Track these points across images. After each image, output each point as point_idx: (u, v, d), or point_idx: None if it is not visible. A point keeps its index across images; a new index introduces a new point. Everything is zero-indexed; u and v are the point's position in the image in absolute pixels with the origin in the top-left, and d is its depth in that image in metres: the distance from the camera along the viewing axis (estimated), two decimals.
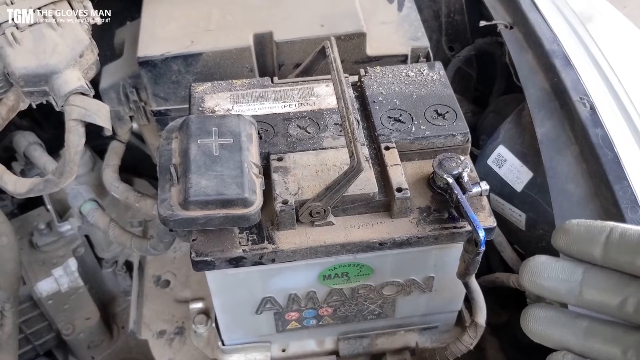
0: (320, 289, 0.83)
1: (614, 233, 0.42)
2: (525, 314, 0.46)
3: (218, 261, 0.73)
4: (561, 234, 0.44)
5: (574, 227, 0.44)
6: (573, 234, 0.43)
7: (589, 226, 0.43)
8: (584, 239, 0.43)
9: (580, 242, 0.43)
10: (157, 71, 0.97)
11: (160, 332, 1.05)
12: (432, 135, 0.80)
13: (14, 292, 1.04)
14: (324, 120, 0.83)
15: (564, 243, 0.44)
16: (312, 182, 0.75)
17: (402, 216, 0.75)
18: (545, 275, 0.44)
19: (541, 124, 0.90)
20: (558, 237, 0.44)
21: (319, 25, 0.98)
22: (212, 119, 0.76)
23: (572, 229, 0.44)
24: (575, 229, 0.43)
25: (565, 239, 0.44)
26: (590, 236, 0.43)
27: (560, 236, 0.44)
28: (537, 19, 1.01)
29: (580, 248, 0.43)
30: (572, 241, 0.44)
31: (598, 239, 0.42)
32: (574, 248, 0.44)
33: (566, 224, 0.44)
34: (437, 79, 0.87)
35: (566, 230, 0.44)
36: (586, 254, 0.43)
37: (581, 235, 0.43)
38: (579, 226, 0.43)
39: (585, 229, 0.43)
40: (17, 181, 0.83)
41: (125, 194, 1.06)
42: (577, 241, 0.43)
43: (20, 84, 0.74)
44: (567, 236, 0.44)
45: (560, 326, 0.45)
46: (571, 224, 0.44)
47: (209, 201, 0.69)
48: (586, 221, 0.43)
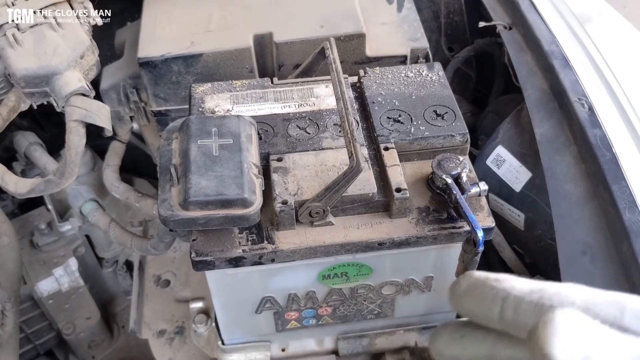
0: (319, 289, 0.83)
1: (506, 309, 0.37)
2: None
3: (218, 261, 0.73)
4: (455, 305, 0.41)
5: (465, 298, 0.40)
6: (466, 307, 0.40)
7: (480, 297, 0.39)
8: (478, 314, 0.39)
9: (476, 317, 0.40)
10: (157, 72, 0.97)
11: (161, 331, 1.05)
12: (431, 135, 0.80)
13: (14, 291, 1.05)
14: (323, 121, 0.83)
15: (461, 313, 0.41)
16: (312, 182, 0.75)
17: (401, 216, 0.76)
18: (454, 354, 0.42)
19: (540, 125, 0.90)
20: (453, 306, 0.41)
21: (319, 26, 0.98)
22: (212, 119, 0.77)
23: (463, 300, 0.40)
24: (467, 302, 0.40)
25: (460, 310, 0.41)
26: (483, 311, 0.39)
27: (455, 306, 0.41)
28: (536, 20, 1.02)
29: (479, 321, 0.40)
30: (468, 313, 0.40)
31: (491, 316, 0.38)
32: (473, 319, 0.40)
33: (456, 291, 0.40)
34: (436, 80, 0.88)
35: (458, 301, 0.41)
36: (487, 325, 0.39)
37: (473, 309, 0.40)
38: (470, 298, 0.39)
39: (477, 302, 0.39)
40: (18, 181, 0.84)
41: (125, 194, 1.07)
42: (472, 315, 0.40)
43: (21, 84, 0.74)
44: (462, 308, 0.41)
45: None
46: (461, 293, 0.40)
47: (209, 201, 0.69)
48: (476, 288, 0.39)
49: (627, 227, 0.76)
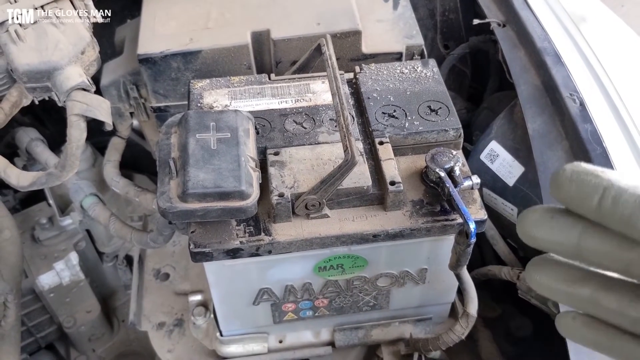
0: (315, 281, 0.85)
1: (605, 198, 0.36)
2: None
3: (216, 252, 0.75)
4: (555, 189, 0.39)
5: (566, 182, 0.37)
6: (565, 191, 0.38)
7: (581, 184, 0.37)
8: (576, 199, 0.37)
9: (573, 201, 0.38)
10: (156, 68, 0.99)
11: (160, 323, 1.07)
12: (425, 130, 0.82)
13: (16, 284, 1.06)
14: (319, 116, 0.85)
15: (559, 197, 0.39)
16: (308, 175, 0.77)
17: (395, 209, 0.77)
18: (540, 235, 0.40)
19: (532, 120, 0.92)
20: (553, 190, 0.39)
21: (316, 24, 1.00)
22: (210, 114, 0.78)
23: (564, 184, 0.38)
24: (567, 186, 0.37)
25: (559, 194, 0.38)
26: (582, 197, 0.37)
27: (554, 190, 0.39)
28: (529, 17, 1.03)
29: (574, 207, 0.38)
30: (565, 198, 0.38)
31: (589, 202, 0.37)
32: (569, 204, 0.38)
33: (560, 175, 0.38)
34: (430, 76, 0.89)
35: (559, 185, 0.38)
36: (582, 213, 0.38)
37: (572, 194, 0.37)
38: (571, 183, 0.37)
39: (577, 187, 0.37)
40: (20, 175, 0.85)
41: (125, 188, 1.08)
42: (570, 200, 0.38)
43: (23, 80, 0.76)
44: (560, 192, 0.38)
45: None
46: (564, 178, 0.38)
47: (207, 194, 0.71)
48: (580, 175, 0.37)
49: None
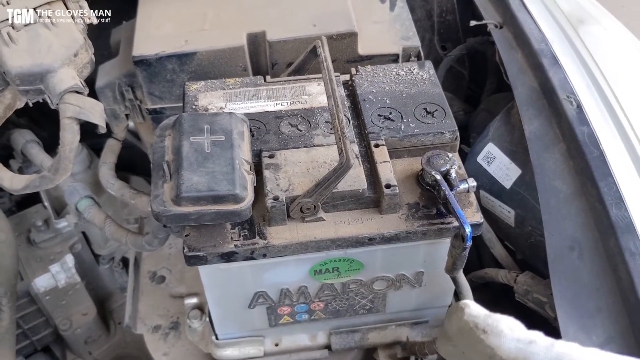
0: (311, 284, 0.85)
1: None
2: None
3: (210, 256, 0.74)
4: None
5: (459, 336, 0.44)
6: (461, 343, 0.44)
7: (471, 344, 0.43)
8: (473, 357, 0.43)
9: (471, 355, 0.44)
10: (152, 70, 0.98)
11: (156, 326, 1.07)
12: (421, 133, 0.81)
13: (11, 287, 1.06)
14: (315, 119, 0.84)
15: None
16: (303, 178, 0.76)
17: (391, 212, 0.77)
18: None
19: (529, 122, 0.92)
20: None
21: (312, 25, 0.99)
22: (204, 116, 0.78)
23: (457, 336, 0.44)
24: (461, 341, 0.44)
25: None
26: (476, 356, 0.42)
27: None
28: (526, 19, 1.03)
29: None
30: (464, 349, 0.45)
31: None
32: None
33: (454, 324, 0.44)
34: (426, 78, 0.89)
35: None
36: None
37: (467, 351, 0.44)
38: (465, 338, 0.43)
39: (469, 345, 0.43)
40: (14, 177, 0.85)
41: (121, 191, 1.07)
42: (467, 352, 0.44)
43: (16, 82, 0.75)
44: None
45: None
46: (457, 330, 0.44)
47: (201, 197, 0.70)
48: (470, 333, 0.42)
49: (614, 223, 0.77)
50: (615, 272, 0.76)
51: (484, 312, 0.42)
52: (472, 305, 0.42)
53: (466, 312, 0.42)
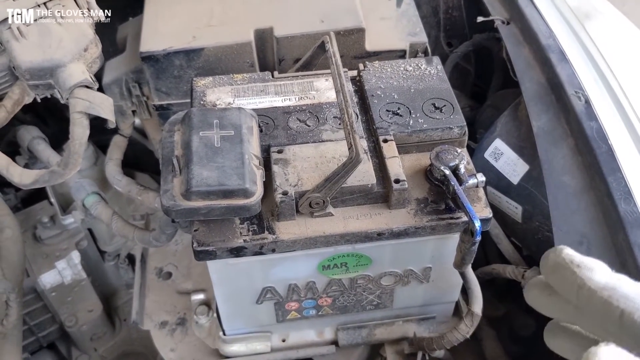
0: (319, 279, 0.85)
1: (580, 297, 0.45)
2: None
3: (219, 251, 0.74)
4: (544, 274, 0.49)
5: (550, 273, 0.48)
6: (550, 280, 0.48)
7: (560, 279, 0.47)
8: (560, 290, 0.48)
9: (559, 290, 0.48)
10: (159, 66, 0.98)
11: (162, 322, 1.07)
12: (430, 128, 0.81)
13: (18, 283, 1.06)
14: (323, 114, 0.84)
15: (548, 281, 0.49)
16: (312, 173, 0.76)
17: (399, 207, 0.77)
18: (542, 310, 0.51)
19: (537, 118, 0.92)
20: (543, 273, 0.49)
21: (319, 21, 0.99)
22: (213, 111, 0.78)
23: (548, 274, 0.48)
24: (551, 277, 0.48)
25: (547, 279, 0.49)
26: (563, 290, 0.47)
27: (544, 274, 0.49)
28: (533, 15, 1.03)
29: (561, 293, 0.48)
30: (553, 285, 0.49)
31: (569, 296, 0.47)
32: (557, 290, 0.49)
33: (544, 265, 0.49)
34: (434, 74, 0.89)
35: (545, 273, 0.49)
36: (567, 299, 0.48)
37: (555, 284, 0.48)
38: (553, 274, 0.48)
39: (558, 281, 0.48)
40: (23, 172, 0.85)
41: (127, 187, 1.08)
42: (556, 288, 0.48)
43: (26, 77, 0.75)
44: (548, 279, 0.49)
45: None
46: (547, 268, 0.48)
47: (211, 192, 0.70)
48: (559, 269, 0.48)
49: (622, 217, 0.77)
50: (624, 268, 0.76)
51: (578, 254, 0.49)
52: (568, 248, 0.49)
53: (564, 252, 0.48)
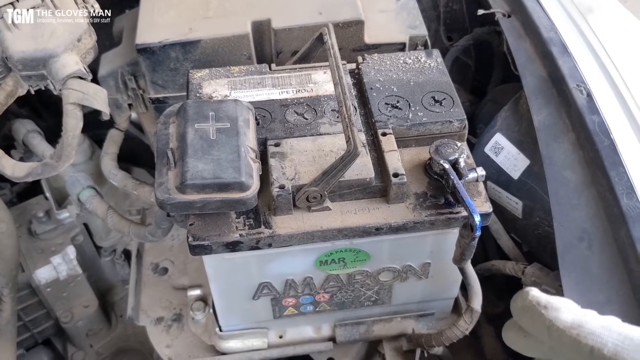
0: (317, 275, 0.83)
1: (551, 336, 0.47)
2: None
3: (215, 245, 0.73)
4: (515, 316, 0.52)
5: (521, 315, 0.51)
6: (522, 322, 0.51)
7: (531, 320, 0.51)
8: (531, 330, 0.51)
9: (530, 331, 0.51)
10: (155, 58, 0.97)
11: (158, 318, 1.05)
12: (429, 121, 0.80)
13: (12, 278, 1.05)
14: (321, 107, 0.83)
15: (521, 324, 0.52)
16: (309, 167, 0.75)
17: (398, 201, 0.76)
18: (519, 349, 0.54)
19: (538, 112, 0.90)
20: (515, 316, 0.52)
21: (317, 13, 0.98)
22: (209, 103, 0.77)
23: (520, 316, 0.52)
24: (522, 319, 0.51)
25: (520, 322, 0.52)
26: (534, 331, 0.50)
27: (516, 317, 0.52)
28: (535, 7, 1.01)
29: (533, 334, 0.51)
30: (525, 327, 0.51)
31: (541, 336, 0.49)
32: (529, 332, 0.51)
33: (514, 307, 0.51)
34: (434, 66, 0.88)
35: (517, 316, 0.52)
36: (540, 340, 0.51)
37: (527, 326, 0.51)
38: (524, 316, 0.51)
39: (529, 322, 0.51)
40: (15, 165, 0.84)
41: (123, 181, 1.06)
42: (528, 329, 0.51)
43: (19, 67, 0.74)
44: (520, 321, 0.52)
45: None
46: (517, 311, 0.51)
47: (206, 185, 0.69)
48: (528, 310, 0.50)
49: (624, 213, 0.76)
50: (626, 263, 0.75)
51: (545, 294, 0.50)
52: (535, 289, 0.51)
53: (530, 294, 0.50)
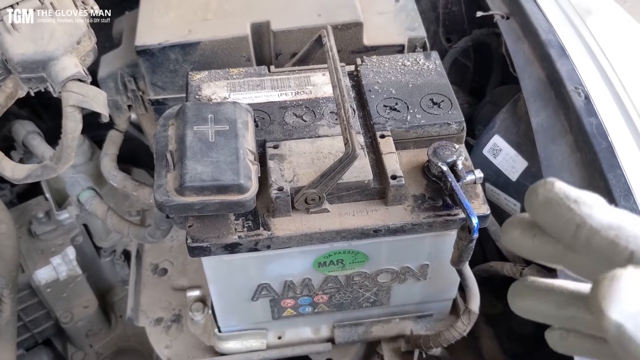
0: (315, 276, 0.84)
1: (578, 236, 0.37)
2: (510, 289, 0.43)
3: (214, 247, 0.73)
4: (530, 211, 0.40)
5: (540, 209, 0.39)
6: (540, 218, 0.40)
7: (555, 215, 0.38)
8: (551, 228, 0.39)
9: (548, 229, 0.40)
10: (154, 60, 0.97)
11: (158, 319, 1.06)
12: (428, 123, 0.80)
13: (12, 278, 1.05)
14: (320, 109, 0.83)
15: (536, 220, 0.40)
16: (308, 169, 0.75)
17: (396, 204, 0.76)
18: (524, 252, 0.42)
19: (536, 114, 0.91)
20: (528, 210, 0.40)
21: (316, 15, 0.98)
22: (208, 106, 0.77)
23: (538, 211, 0.39)
24: (541, 214, 0.39)
25: (535, 218, 0.40)
26: (556, 229, 0.39)
27: (530, 212, 0.40)
28: (534, 9, 1.02)
29: (550, 232, 0.40)
30: (542, 224, 0.40)
31: (564, 235, 0.38)
32: (545, 229, 0.40)
33: (532, 200, 0.39)
34: (433, 69, 0.88)
35: (534, 210, 0.40)
36: (558, 239, 0.40)
37: (547, 223, 0.39)
38: (545, 211, 0.39)
39: (551, 218, 0.39)
40: (15, 167, 0.84)
41: (123, 182, 1.07)
42: (545, 227, 0.40)
43: (18, 70, 0.74)
44: (536, 217, 0.40)
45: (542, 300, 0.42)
46: (537, 204, 0.39)
47: (205, 187, 0.69)
48: (552, 204, 0.38)
49: None
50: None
51: (574, 187, 0.39)
52: (560, 181, 0.39)
53: (556, 185, 0.39)
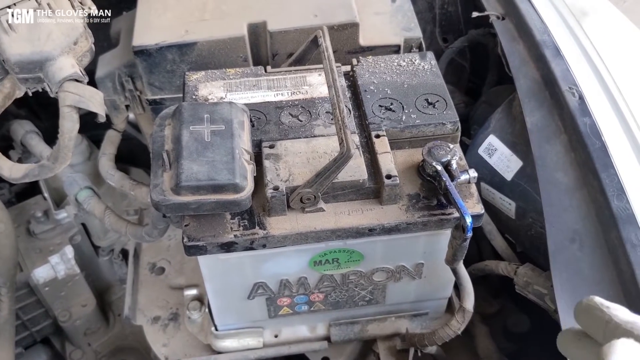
0: (311, 275, 0.84)
1: (608, 332, 0.47)
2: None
3: (210, 246, 0.74)
4: (575, 317, 0.51)
5: (581, 314, 0.50)
6: (581, 321, 0.50)
7: (590, 318, 0.49)
8: (589, 329, 0.49)
9: (588, 330, 0.50)
10: (152, 60, 0.97)
11: (155, 318, 1.06)
12: (422, 123, 0.81)
13: (10, 277, 1.06)
14: (315, 109, 0.84)
15: (579, 324, 0.51)
16: (303, 169, 0.76)
17: (391, 203, 0.76)
18: (572, 354, 0.52)
19: (531, 114, 0.91)
20: (575, 317, 0.51)
21: (313, 15, 0.99)
22: (204, 106, 0.77)
23: (579, 316, 0.50)
24: (582, 318, 0.50)
25: (578, 322, 0.51)
26: (592, 328, 0.49)
27: (576, 318, 0.51)
28: (529, 10, 1.02)
29: (589, 333, 0.50)
30: (583, 326, 0.50)
31: (598, 332, 0.48)
32: (586, 331, 0.50)
33: (577, 308, 0.50)
34: (428, 69, 0.88)
35: (577, 315, 0.50)
36: (595, 339, 0.49)
37: (585, 324, 0.50)
38: (585, 315, 0.49)
39: (587, 320, 0.49)
40: (13, 166, 0.84)
41: (120, 181, 1.07)
42: (585, 328, 0.50)
43: (15, 70, 0.75)
44: (579, 321, 0.50)
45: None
46: (579, 310, 0.50)
47: (201, 186, 0.70)
48: (589, 310, 0.49)
49: (615, 214, 0.77)
50: (616, 264, 0.76)
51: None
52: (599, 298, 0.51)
53: (595, 298, 0.51)
